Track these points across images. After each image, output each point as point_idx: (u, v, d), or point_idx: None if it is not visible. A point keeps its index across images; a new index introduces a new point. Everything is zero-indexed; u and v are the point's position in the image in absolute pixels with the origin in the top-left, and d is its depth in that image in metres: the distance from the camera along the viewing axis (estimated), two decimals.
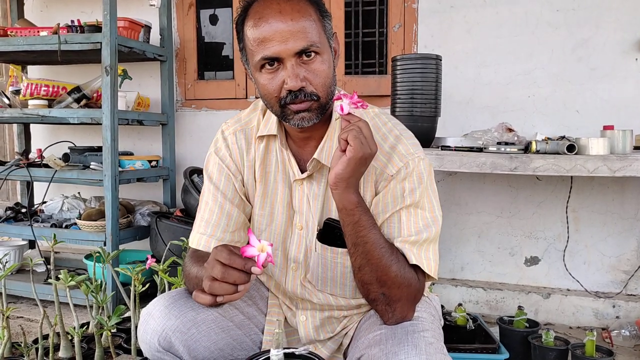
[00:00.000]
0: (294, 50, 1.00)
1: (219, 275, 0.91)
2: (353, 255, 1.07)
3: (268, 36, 1.00)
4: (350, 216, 1.03)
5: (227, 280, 0.91)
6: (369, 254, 1.04)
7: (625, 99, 2.24)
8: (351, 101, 0.99)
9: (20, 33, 2.46)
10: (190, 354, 1.15)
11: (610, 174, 1.69)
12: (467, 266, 2.48)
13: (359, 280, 1.10)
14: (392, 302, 1.06)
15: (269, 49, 1.00)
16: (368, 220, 1.04)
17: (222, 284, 0.92)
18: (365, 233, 1.03)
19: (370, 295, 1.09)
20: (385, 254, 1.04)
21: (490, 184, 2.42)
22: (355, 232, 1.03)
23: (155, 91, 2.84)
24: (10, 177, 2.50)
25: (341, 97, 0.99)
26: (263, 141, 1.19)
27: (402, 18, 2.51)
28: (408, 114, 2.00)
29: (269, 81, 1.04)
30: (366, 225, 1.03)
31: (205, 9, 2.93)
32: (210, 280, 0.92)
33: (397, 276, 1.05)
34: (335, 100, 1.00)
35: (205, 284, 0.93)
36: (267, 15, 1.00)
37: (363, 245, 1.03)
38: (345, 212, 1.03)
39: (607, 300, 2.21)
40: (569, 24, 2.29)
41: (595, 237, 2.31)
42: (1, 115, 2.47)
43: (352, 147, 0.97)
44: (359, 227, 1.03)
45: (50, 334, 1.61)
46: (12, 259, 2.61)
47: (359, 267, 1.06)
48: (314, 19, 1.03)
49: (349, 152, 0.97)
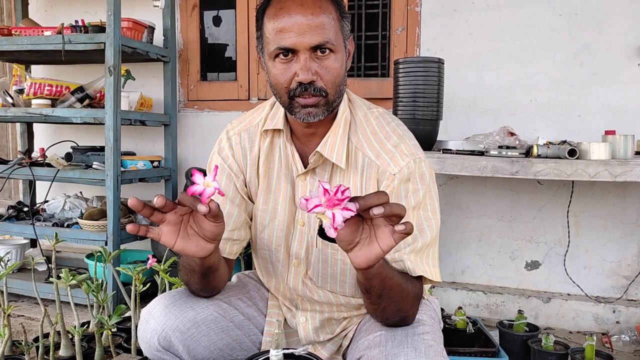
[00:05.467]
0: (309, 44, 1.01)
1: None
2: (376, 304, 1.03)
3: (287, 27, 1.01)
4: (379, 277, 0.96)
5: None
6: (393, 296, 1.02)
7: (627, 104, 2.24)
8: (333, 201, 0.77)
9: (24, 32, 2.47)
10: (190, 353, 1.15)
11: (612, 178, 1.69)
12: (467, 269, 2.48)
13: (379, 317, 1.09)
14: (406, 318, 1.09)
15: (285, 39, 1.01)
16: (390, 268, 1.00)
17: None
18: (390, 282, 0.99)
19: (388, 321, 1.09)
20: (404, 287, 1.04)
21: (492, 188, 2.42)
22: (382, 287, 0.98)
23: (158, 92, 2.85)
24: (12, 176, 2.50)
25: (319, 205, 0.77)
26: (268, 137, 1.19)
27: (405, 21, 2.52)
28: (410, 116, 2.00)
29: (282, 71, 1.04)
30: (390, 276, 0.99)
31: (208, 10, 2.94)
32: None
33: (413, 298, 1.07)
34: (315, 209, 0.77)
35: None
36: (289, 7, 1.01)
37: (388, 292, 1.01)
38: (374, 278, 0.96)
39: (608, 305, 2.21)
40: (571, 28, 2.29)
41: (596, 242, 2.31)
42: (4, 114, 2.48)
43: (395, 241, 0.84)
44: (385, 281, 0.98)
45: (51, 333, 1.62)
46: (14, 258, 2.62)
47: (382, 309, 1.05)
48: (334, 17, 1.04)
49: (399, 238, 0.83)
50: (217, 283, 1.19)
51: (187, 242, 0.93)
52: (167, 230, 0.91)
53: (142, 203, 0.85)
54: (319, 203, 0.77)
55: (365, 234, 0.85)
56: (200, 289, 1.18)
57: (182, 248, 0.93)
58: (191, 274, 1.13)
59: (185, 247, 0.93)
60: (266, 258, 1.26)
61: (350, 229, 0.83)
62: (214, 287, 1.19)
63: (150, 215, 0.87)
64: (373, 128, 1.14)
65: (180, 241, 0.92)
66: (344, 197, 0.76)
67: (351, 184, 1.13)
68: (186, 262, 1.12)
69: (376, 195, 0.80)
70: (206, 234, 0.93)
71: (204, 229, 0.92)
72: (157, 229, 0.90)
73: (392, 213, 0.79)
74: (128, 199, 0.89)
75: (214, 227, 0.91)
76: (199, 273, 1.11)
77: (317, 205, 0.77)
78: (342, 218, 0.77)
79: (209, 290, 1.20)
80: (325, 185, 0.77)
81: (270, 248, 1.23)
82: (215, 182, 0.83)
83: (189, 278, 1.15)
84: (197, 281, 1.14)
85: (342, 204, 0.77)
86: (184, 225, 0.92)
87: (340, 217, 0.77)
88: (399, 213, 0.80)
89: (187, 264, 1.12)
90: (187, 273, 1.14)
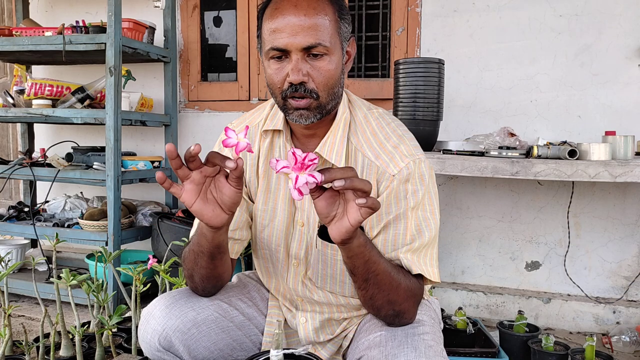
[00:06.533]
0: (301, 45, 1.01)
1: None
2: (364, 289, 1.04)
3: (280, 27, 1.02)
4: (361, 257, 0.98)
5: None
6: (380, 283, 1.03)
7: (627, 105, 2.24)
8: (299, 165, 0.82)
9: (25, 33, 2.47)
10: (190, 353, 1.16)
11: (612, 179, 1.70)
12: (467, 270, 2.48)
13: (370, 307, 1.09)
14: (401, 314, 1.08)
15: (278, 40, 1.02)
16: (377, 253, 1.01)
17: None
18: (376, 267, 1.00)
19: (381, 314, 1.09)
20: (394, 277, 1.04)
21: (492, 189, 2.42)
22: (366, 269, 1.00)
23: (158, 92, 2.86)
24: (13, 176, 2.51)
25: (287, 168, 0.83)
26: (268, 137, 1.20)
27: (405, 22, 2.52)
28: (410, 117, 2.00)
29: (275, 71, 1.05)
30: (376, 260, 1.00)
31: (209, 10, 2.94)
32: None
33: (406, 291, 1.06)
34: (282, 169, 0.83)
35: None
36: (283, 8, 1.02)
37: (374, 277, 1.01)
38: (356, 256, 0.98)
39: (608, 306, 2.21)
40: (572, 29, 2.29)
41: (596, 242, 2.31)
42: (5, 115, 2.48)
43: (369, 209, 0.87)
44: (370, 264, 0.99)
45: (52, 333, 1.62)
46: (15, 258, 2.62)
47: (371, 297, 1.05)
48: (330, 18, 1.04)
49: (365, 213, 0.87)
50: (222, 271, 1.17)
51: (205, 205, 0.95)
52: (190, 188, 0.94)
53: (176, 152, 0.89)
54: (286, 165, 0.83)
55: (341, 209, 0.90)
56: (206, 276, 1.15)
57: (200, 209, 0.95)
58: (199, 257, 1.11)
59: (203, 209, 0.95)
60: (266, 258, 1.26)
61: (326, 202, 0.89)
62: (219, 275, 1.17)
63: (179, 168, 0.90)
64: (373, 129, 1.14)
65: (199, 202, 0.95)
66: (311, 163, 0.82)
67: None
68: (195, 244, 1.11)
69: (342, 169, 0.85)
70: (225, 200, 0.95)
71: (224, 194, 0.94)
72: (180, 185, 0.94)
73: (354, 187, 0.85)
74: (163, 156, 0.90)
75: (234, 193, 0.94)
76: (208, 254, 1.09)
77: (284, 166, 0.83)
78: (305, 181, 0.82)
79: (214, 278, 1.17)
80: (295, 150, 0.82)
81: (270, 248, 1.23)
82: (246, 139, 0.87)
83: (196, 263, 1.13)
84: (205, 265, 1.12)
85: (308, 169, 0.83)
86: (205, 188, 0.95)
87: (303, 179, 0.82)
88: (362, 187, 0.85)
89: (196, 245, 1.10)
90: (195, 258, 1.12)
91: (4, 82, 3.48)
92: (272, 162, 0.84)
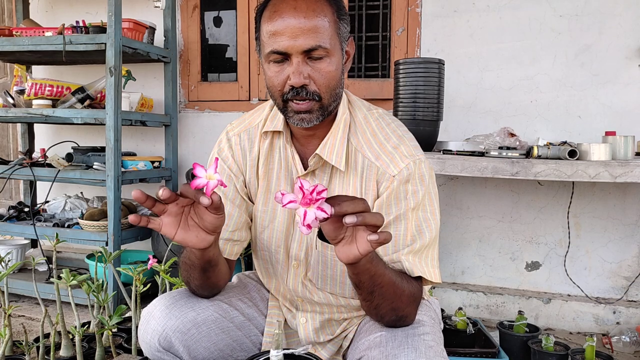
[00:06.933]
0: (301, 48, 1.01)
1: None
2: (369, 301, 1.03)
3: (279, 30, 1.01)
4: (367, 273, 0.96)
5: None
6: (385, 294, 1.02)
7: (627, 105, 2.24)
8: (307, 199, 0.78)
9: (25, 33, 2.47)
10: (190, 354, 1.16)
11: (612, 179, 1.70)
12: (467, 270, 2.48)
13: (374, 315, 1.09)
14: (403, 317, 1.08)
15: (278, 43, 1.01)
16: (382, 265, 1.00)
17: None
18: (381, 279, 0.99)
19: (384, 320, 1.09)
20: (398, 286, 1.03)
21: (492, 189, 2.42)
22: (372, 283, 0.99)
23: (158, 92, 2.86)
24: (13, 176, 2.51)
25: (294, 201, 0.79)
26: (268, 138, 1.19)
27: (405, 22, 2.52)
28: (410, 117, 2.00)
29: (275, 74, 1.05)
30: (382, 273, 0.99)
31: (209, 11, 2.94)
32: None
33: (409, 297, 1.07)
34: (288, 205, 0.79)
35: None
36: (282, 10, 1.01)
37: (379, 289, 1.01)
38: (362, 273, 0.96)
39: (608, 306, 2.21)
40: (572, 29, 2.29)
41: (596, 242, 2.31)
42: (5, 115, 2.48)
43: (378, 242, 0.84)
44: (375, 277, 0.98)
45: (52, 333, 1.62)
46: (15, 258, 2.62)
47: (375, 307, 1.05)
48: (329, 19, 1.03)
49: (376, 245, 0.84)
50: (217, 280, 1.18)
51: (187, 233, 0.94)
52: (168, 221, 0.92)
53: (145, 195, 0.86)
54: (293, 199, 0.79)
55: (350, 232, 0.87)
56: (201, 285, 1.17)
57: (183, 239, 0.94)
58: (191, 269, 1.12)
59: (186, 238, 0.94)
60: (266, 259, 1.26)
61: (333, 226, 0.86)
62: (214, 284, 1.19)
63: (152, 207, 0.88)
64: (373, 129, 1.14)
65: (181, 232, 0.94)
66: (319, 197, 0.78)
67: (351, 185, 1.13)
68: (186, 257, 1.12)
69: (352, 201, 0.82)
70: (207, 226, 0.94)
71: (205, 220, 0.93)
72: (158, 219, 0.92)
73: (366, 223, 0.82)
74: (131, 194, 0.90)
75: (215, 219, 0.93)
76: (199, 268, 1.10)
77: (291, 201, 0.79)
78: (314, 216, 0.78)
79: (210, 287, 1.19)
80: (302, 183, 0.78)
81: (270, 249, 1.23)
82: (217, 175, 0.84)
83: (189, 275, 1.15)
84: (197, 277, 1.14)
85: (316, 204, 0.78)
86: (185, 217, 0.94)
87: (312, 215, 0.78)
88: (375, 223, 0.82)
89: (187, 259, 1.11)
90: (188, 269, 1.14)
91: (4, 82, 3.48)
92: (278, 196, 0.80)
